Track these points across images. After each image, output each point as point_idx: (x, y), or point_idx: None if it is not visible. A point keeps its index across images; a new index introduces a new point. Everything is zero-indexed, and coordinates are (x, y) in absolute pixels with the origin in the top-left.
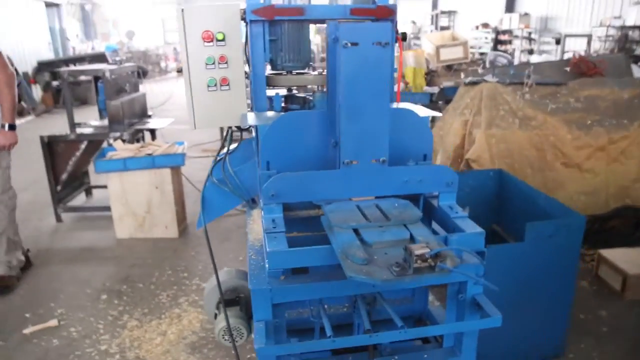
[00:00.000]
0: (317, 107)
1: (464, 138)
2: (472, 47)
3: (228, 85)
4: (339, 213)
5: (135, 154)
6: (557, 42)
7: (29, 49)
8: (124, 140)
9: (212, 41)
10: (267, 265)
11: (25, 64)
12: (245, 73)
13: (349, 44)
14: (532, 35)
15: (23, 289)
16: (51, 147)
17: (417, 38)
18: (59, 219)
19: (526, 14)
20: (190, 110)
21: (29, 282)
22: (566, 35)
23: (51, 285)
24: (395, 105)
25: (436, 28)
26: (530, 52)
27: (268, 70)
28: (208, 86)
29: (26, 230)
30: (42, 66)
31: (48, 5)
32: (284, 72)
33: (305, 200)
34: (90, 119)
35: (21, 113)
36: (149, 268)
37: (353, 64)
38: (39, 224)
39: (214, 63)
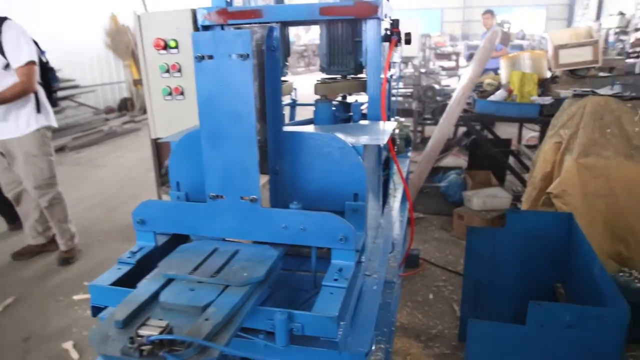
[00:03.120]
0: (316, 119)
1: (554, 165)
2: None
3: (182, 94)
4: (181, 254)
5: None
6: None
7: None
8: None
9: (164, 49)
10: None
11: None
12: None
13: (204, 57)
14: None
15: (97, 259)
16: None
17: (625, 33)
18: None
19: None
20: (150, 118)
21: (106, 254)
22: None
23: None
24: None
25: None
26: None
27: None
28: (163, 95)
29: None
30: None
31: None
32: None
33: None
34: None
35: None
36: None
37: (209, 80)
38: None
39: (167, 71)
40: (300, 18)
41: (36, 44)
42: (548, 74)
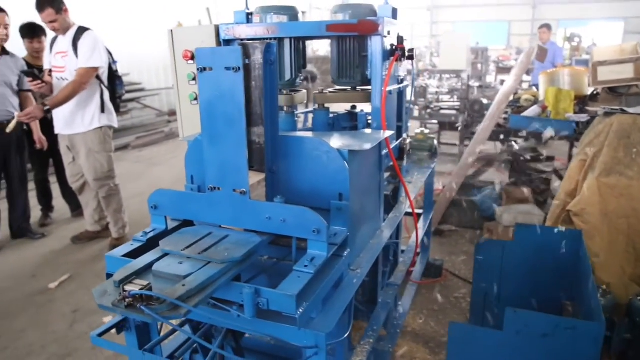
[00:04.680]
0: (315, 125)
1: (578, 183)
2: None
3: None
4: (181, 234)
5: None
6: None
7: None
8: None
9: (191, 59)
10: None
11: None
12: None
13: (206, 69)
14: None
15: None
16: None
17: None
18: None
19: None
20: (179, 122)
21: None
22: None
23: None
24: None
25: None
26: None
27: None
28: (190, 100)
29: None
30: None
31: None
32: None
33: (185, 218)
34: None
35: None
36: None
37: (209, 89)
38: None
39: (194, 79)
40: (310, 34)
41: (110, 54)
42: (587, 91)
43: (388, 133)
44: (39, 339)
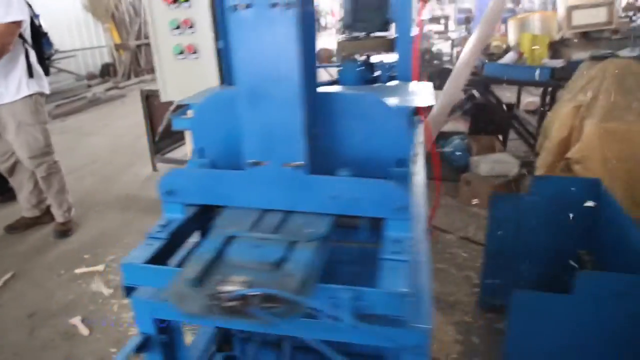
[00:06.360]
0: (342, 80)
1: (572, 130)
2: None
3: (196, 53)
4: (234, 213)
5: None
6: None
7: None
8: None
9: (174, 2)
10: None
11: None
12: None
13: (242, 6)
14: None
15: (96, 230)
16: (149, 101)
17: None
18: (154, 168)
19: None
20: (160, 80)
21: (104, 225)
22: None
23: (119, 230)
24: (372, 88)
25: None
26: None
27: None
28: (175, 54)
29: (126, 176)
30: None
31: None
32: None
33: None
34: None
35: None
36: None
37: (246, 34)
38: (139, 170)
39: (178, 27)
40: None
41: (30, 6)
42: (557, 36)
43: (428, 85)
44: None
